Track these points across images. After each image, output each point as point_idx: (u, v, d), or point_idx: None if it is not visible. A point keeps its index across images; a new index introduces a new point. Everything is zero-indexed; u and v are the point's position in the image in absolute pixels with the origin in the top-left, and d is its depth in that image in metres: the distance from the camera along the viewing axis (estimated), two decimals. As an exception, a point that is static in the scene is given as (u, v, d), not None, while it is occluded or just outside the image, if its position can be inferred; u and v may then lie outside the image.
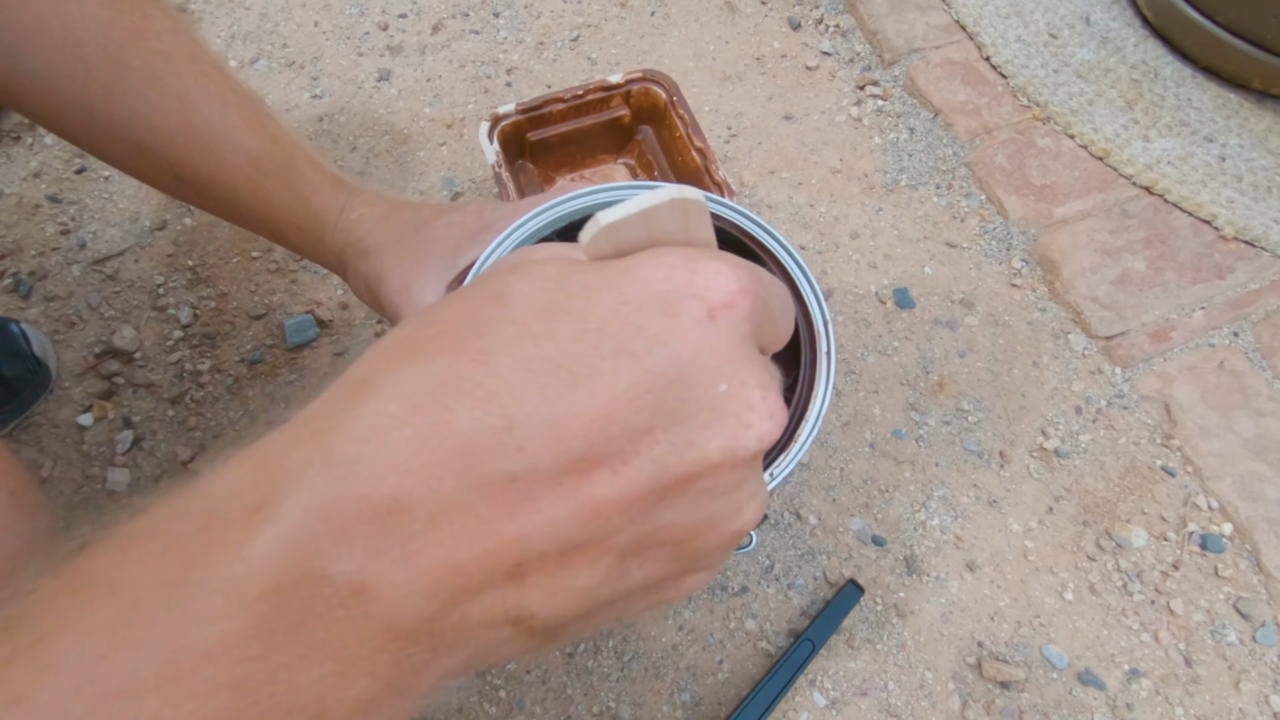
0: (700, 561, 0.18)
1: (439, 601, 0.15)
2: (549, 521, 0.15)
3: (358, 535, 0.15)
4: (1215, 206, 0.79)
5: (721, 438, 0.16)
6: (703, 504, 0.17)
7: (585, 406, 0.15)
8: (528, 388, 0.15)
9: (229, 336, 0.69)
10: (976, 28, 0.89)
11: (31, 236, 0.73)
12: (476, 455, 0.15)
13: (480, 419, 0.15)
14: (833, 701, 0.58)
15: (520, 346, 0.16)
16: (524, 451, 0.15)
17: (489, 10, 0.90)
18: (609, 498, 0.16)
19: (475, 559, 0.15)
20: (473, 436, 0.15)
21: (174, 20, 0.40)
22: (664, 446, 0.16)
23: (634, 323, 0.16)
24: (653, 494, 0.16)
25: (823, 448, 0.67)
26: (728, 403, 0.16)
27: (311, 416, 0.16)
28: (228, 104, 0.40)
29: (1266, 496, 0.66)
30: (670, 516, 0.17)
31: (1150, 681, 0.59)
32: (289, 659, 0.14)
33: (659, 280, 0.17)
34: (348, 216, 0.42)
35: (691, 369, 0.16)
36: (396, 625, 0.15)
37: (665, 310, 0.16)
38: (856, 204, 0.80)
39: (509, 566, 0.15)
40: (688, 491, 0.17)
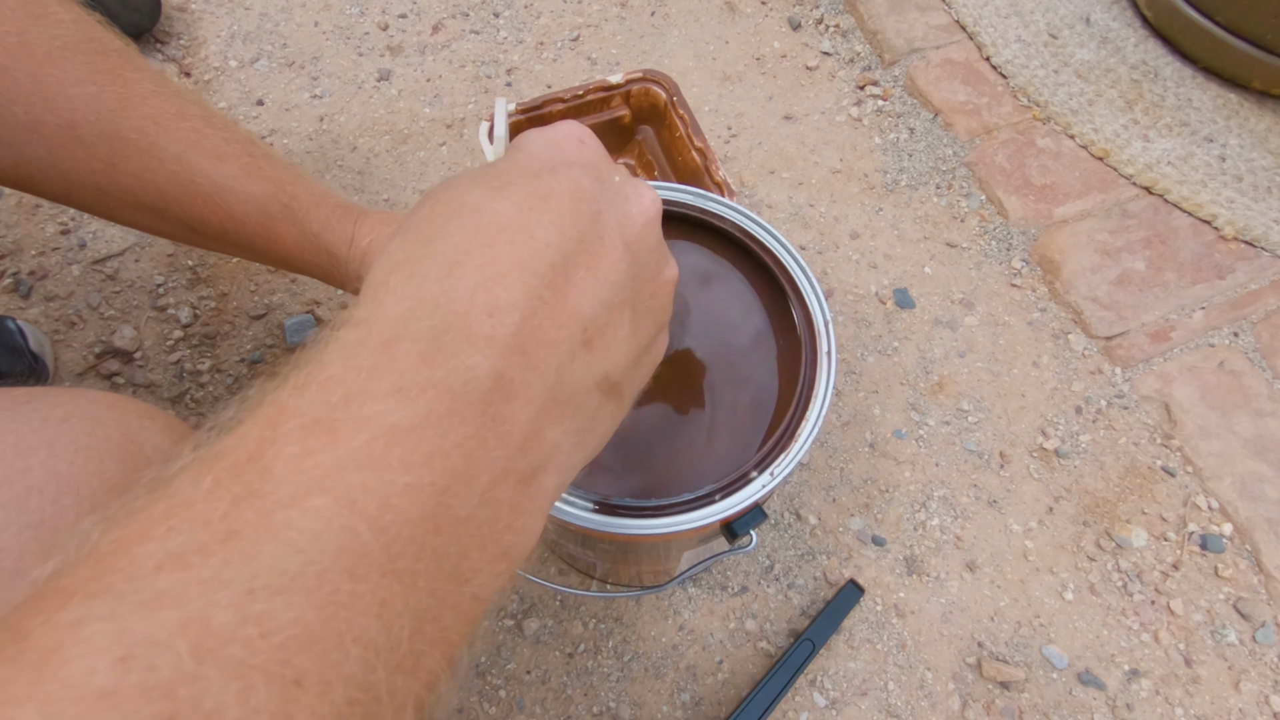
0: (663, 314, 0.25)
1: (553, 371, 0.19)
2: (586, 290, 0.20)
3: (480, 337, 0.18)
4: (1215, 206, 0.79)
5: (637, 206, 0.23)
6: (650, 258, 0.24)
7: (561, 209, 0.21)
8: (522, 212, 0.20)
9: (229, 336, 0.69)
10: (976, 28, 0.89)
11: (31, 236, 0.73)
12: (524, 260, 0.20)
13: (510, 239, 0.20)
14: (833, 701, 0.58)
15: (497, 195, 0.21)
16: (550, 246, 0.20)
17: (489, 10, 0.90)
18: (608, 262, 0.21)
19: (560, 331, 0.20)
20: (513, 251, 0.20)
21: (154, 79, 0.41)
22: (614, 219, 0.22)
23: (546, 160, 0.23)
24: (626, 253, 0.22)
25: (823, 448, 0.67)
26: (625, 187, 0.24)
27: (380, 290, 0.19)
28: (224, 156, 0.41)
29: (1266, 496, 0.66)
30: (640, 271, 0.23)
31: (1150, 681, 0.59)
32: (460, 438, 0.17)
33: (539, 138, 0.24)
34: (358, 246, 0.43)
35: (596, 170, 0.23)
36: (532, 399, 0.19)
37: (555, 148, 0.23)
38: (856, 204, 0.80)
39: (580, 333, 0.20)
40: (640, 249, 0.23)
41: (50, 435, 0.27)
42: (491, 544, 0.18)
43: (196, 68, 0.83)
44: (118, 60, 0.39)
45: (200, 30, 0.85)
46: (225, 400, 0.66)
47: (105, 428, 0.28)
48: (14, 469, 0.25)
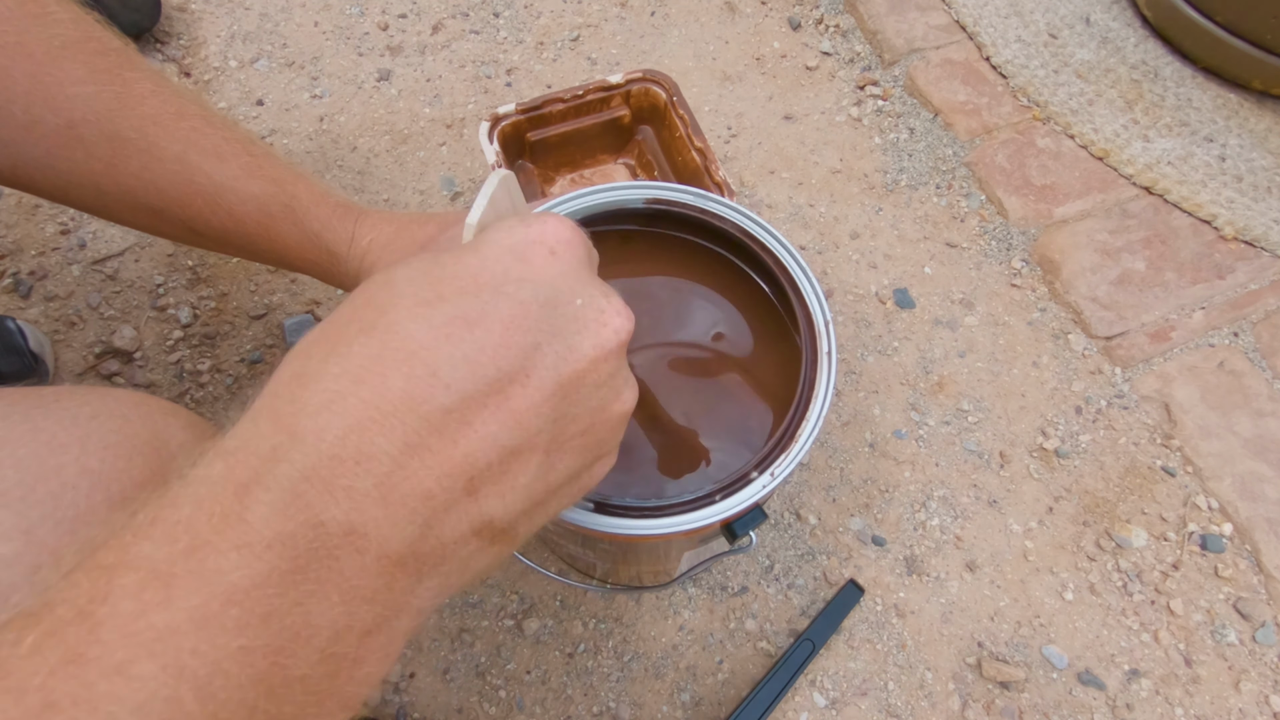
0: (603, 446, 0.23)
1: (417, 526, 0.18)
2: (485, 436, 0.19)
3: (339, 487, 0.17)
4: (1215, 206, 0.79)
5: (591, 338, 0.21)
6: (593, 394, 0.22)
7: (486, 340, 0.19)
8: (437, 340, 0.19)
9: (229, 336, 0.69)
10: (976, 28, 0.89)
11: (31, 236, 0.72)
12: (415, 401, 0.18)
13: (408, 373, 0.18)
14: (833, 701, 0.58)
15: (420, 312, 0.19)
16: (450, 388, 0.18)
17: (489, 10, 0.89)
18: (526, 405, 0.20)
19: (438, 482, 0.18)
20: (407, 388, 0.18)
21: (153, 79, 0.41)
22: (553, 356, 0.20)
23: (498, 272, 0.21)
24: (555, 394, 0.20)
25: (823, 448, 0.67)
26: (586, 312, 0.22)
27: (261, 412, 0.19)
28: (224, 155, 0.41)
29: (1266, 496, 0.66)
30: (573, 410, 0.21)
31: (1150, 681, 0.59)
32: (301, 595, 0.17)
33: (504, 241, 0.22)
34: (358, 245, 0.43)
35: (553, 294, 0.21)
36: (387, 554, 0.18)
37: (517, 257, 0.21)
38: (856, 204, 0.80)
39: (465, 482, 0.19)
40: (580, 387, 0.21)
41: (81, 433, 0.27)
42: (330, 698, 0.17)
43: (196, 68, 0.83)
44: (117, 60, 0.39)
45: (200, 30, 0.85)
46: (225, 401, 0.66)
47: (133, 425, 0.29)
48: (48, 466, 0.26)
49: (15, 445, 0.26)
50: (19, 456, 0.26)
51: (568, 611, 0.60)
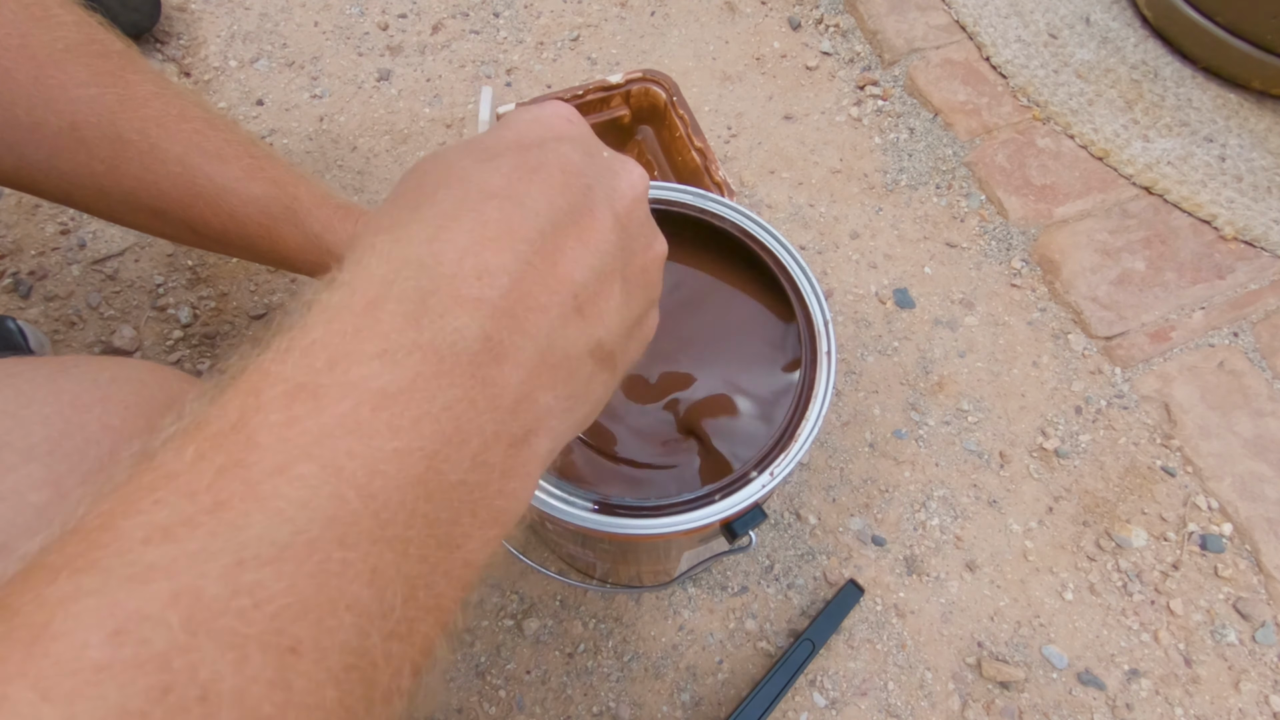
0: (653, 289, 0.25)
1: (543, 336, 0.19)
2: (577, 258, 0.20)
3: (467, 299, 0.18)
4: (1215, 206, 0.79)
5: (625, 181, 0.23)
6: (639, 231, 0.24)
7: (551, 180, 0.21)
8: (511, 182, 0.20)
9: (229, 336, 0.69)
10: (976, 28, 0.89)
11: (31, 236, 0.73)
12: (513, 227, 0.19)
13: (500, 205, 0.20)
14: (833, 701, 0.58)
15: (487, 164, 0.21)
16: (540, 214, 0.20)
17: (489, 10, 0.90)
18: (598, 233, 0.21)
19: (550, 296, 0.20)
20: (502, 218, 0.20)
21: (155, 81, 0.41)
22: (604, 192, 0.22)
23: (536, 134, 0.23)
24: (615, 224, 0.22)
25: (823, 448, 0.67)
26: (613, 162, 0.24)
27: (364, 255, 0.19)
28: (226, 157, 0.41)
29: (1266, 496, 0.66)
30: (630, 243, 0.23)
31: (1150, 681, 0.59)
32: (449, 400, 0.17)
33: (527, 115, 0.24)
34: None
35: (585, 146, 0.23)
36: (522, 362, 0.19)
37: (544, 124, 0.24)
38: (856, 204, 0.80)
39: (571, 299, 0.20)
40: (629, 222, 0.23)
41: (102, 394, 0.28)
42: (483, 509, 0.18)
43: (196, 68, 0.83)
44: (119, 62, 0.39)
45: (200, 30, 0.85)
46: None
47: (149, 389, 0.30)
48: (72, 423, 0.27)
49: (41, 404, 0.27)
50: (45, 414, 0.27)
51: (568, 611, 0.60)
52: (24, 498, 0.25)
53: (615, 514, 0.36)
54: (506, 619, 0.60)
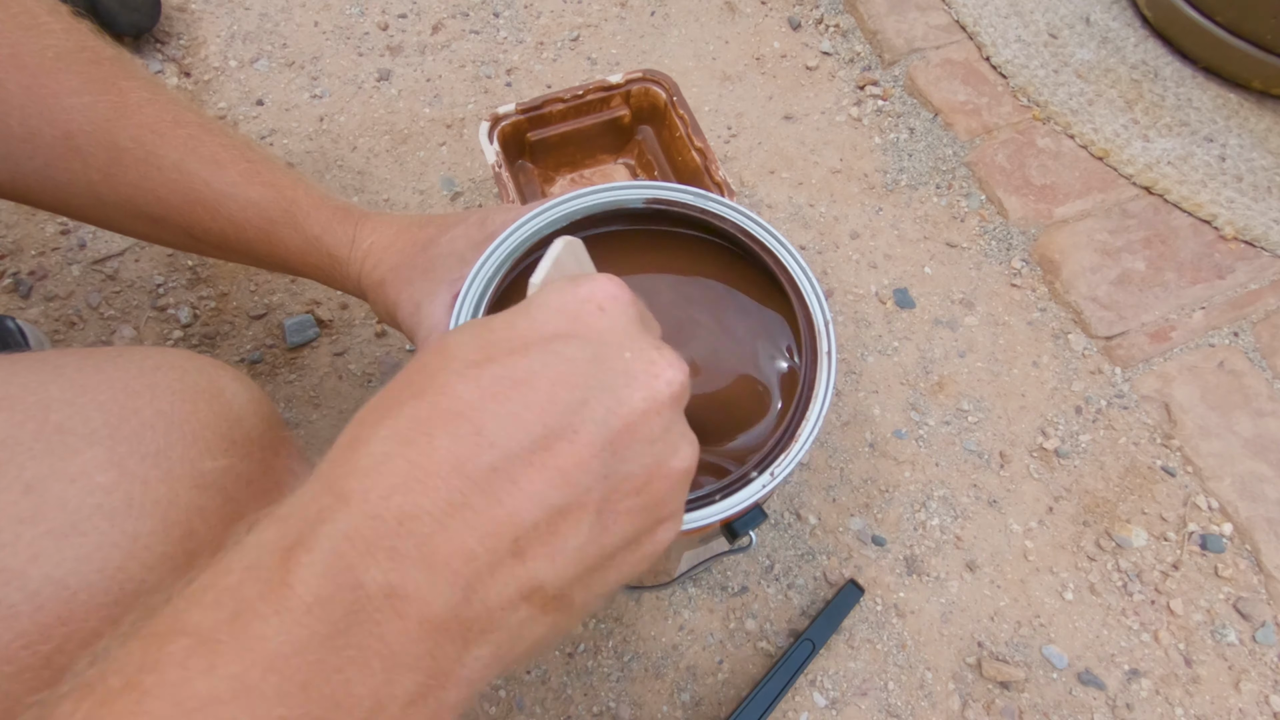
0: (663, 508, 0.22)
1: (460, 588, 0.18)
2: (531, 495, 0.19)
3: (380, 548, 0.17)
4: (1215, 206, 0.79)
5: (641, 390, 0.21)
6: (646, 450, 0.21)
7: (532, 398, 0.19)
8: (484, 399, 0.19)
9: (229, 336, 0.69)
10: (976, 28, 0.89)
11: (31, 236, 0.73)
12: (459, 460, 0.18)
13: (454, 432, 0.19)
14: (833, 701, 0.58)
15: (469, 374, 0.20)
16: (495, 445, 0.19)
17: (489, 10, 0.90)
18: (573, 461, 0.19)
19: (480, 542, 0.18)
20: (452, 448, 0.18)
21: (148, 86, 0.40)
22: (601, 410, 0.20)
23: (547, 332, 0.21)
24: (605, 449, 0.20)
25: (823, 448, 0.67)
26: (635, 364, 0.21)
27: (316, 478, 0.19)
28: (222, 162, 0.41)
29: (1266, 496, 0.66)
30: (625, 468, 0.21)
31: (1150, 681, 0.59)
32: (342, 662, 0.17)
33: (554, 301, 0.22)
34: (359, 248, 0.43)
35: (601, 349, 0.21)
36: (428, 618, 0.18)
37: (566, 316, 0.22)
38: (856, 204, 0.80)
39: (510, 543, 0.18)
40: (632, 442, 0.21)
41: (149, 381, 0.30)
42: None
43: (196, 68, 0.83)
44: (111, 69, 0.39)
45: (200, 30, 0.85)
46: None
47: (192, 376, 0.31)
48: (127, 409, 0.28)
49: (95, 392, 0.28)
50: (100, 401, 0.28)
51: (568, 611, 0.60)
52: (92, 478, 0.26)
53: (615, 514, 0.35)
54: (506, 619, 0.60)
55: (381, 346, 0.69)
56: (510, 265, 0.41)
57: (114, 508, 0.26)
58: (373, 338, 0.70)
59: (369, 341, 0.70)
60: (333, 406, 0.67)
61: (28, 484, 0.25)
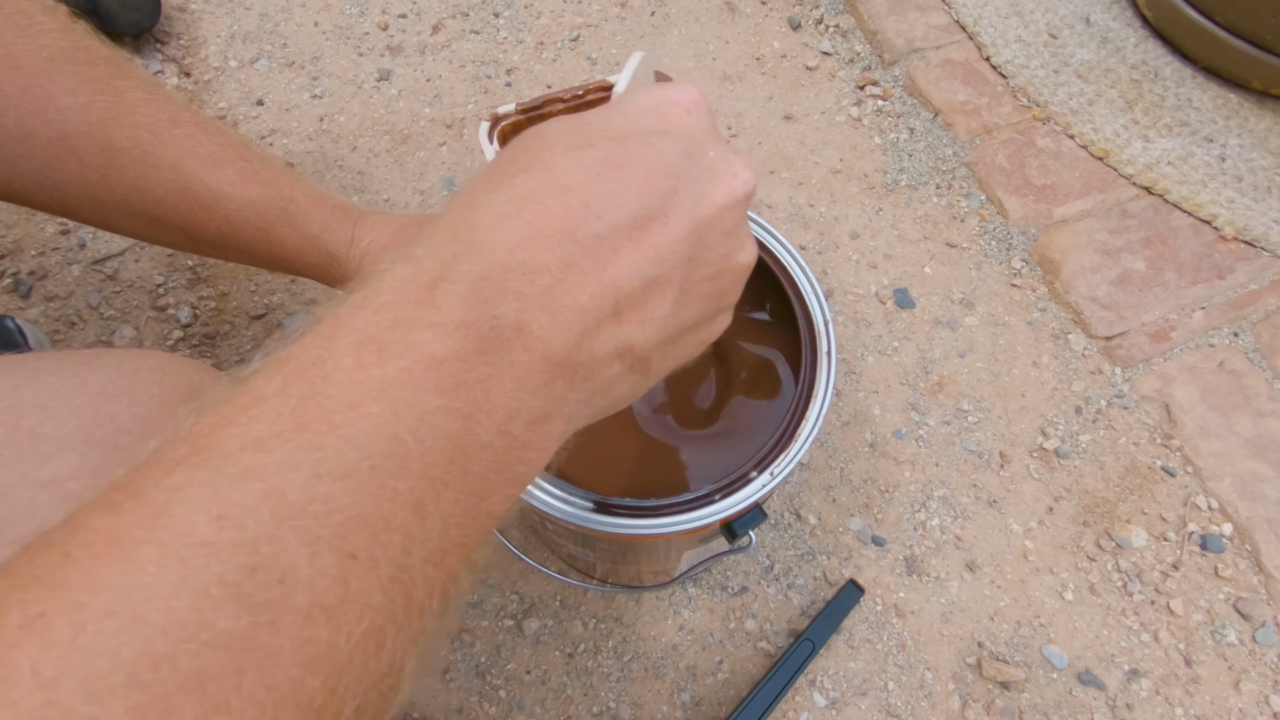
0: (726, 298, 0.25)
1: (573, 334, 0.20)
2: (630, 265, 0.21)
3: (510, 290, 0.20)
4: (1215, 206, 0.79)
5: (722, 187, 0.23)
6: (721, 241, 0.23)
7: (632, 180, 0.21)
8: (590, 178, 0.21)
9: (229, 336, 0.69)
10: (976, 28, 0.89)
11: (31, 236, 0.73)
12: (571, 226, 0.20)
13: (566, 203, 0.20)
14: (833, 701, 0.58)
15: (574, 155, 0.21)
16: (601, 218, 0.20)
17: (489, 10, 0.90)
18: (665, 239, 0.21)
19: (590, 299, 0.20)
20: (564, 215, 0.20)
21: (144, 86, 0.40)
22: (689, 198, 0.22)
23: (640, 125, 0.23)
24: (691, 234, 0.22)
25: (823, 448, 0.67)
26: (718, 164, 0.23)
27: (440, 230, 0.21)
28: (219, 161, 0.41)
29: (1266, 496, 0.66)
30: (705, 254, 0.23)
31: (1150, 681, 0.59)
32: (483, 374, 0.19)
33: (644, 100, 0.24)
34: (358, 247, 0.44)
35: (689, 144, 0.23)
36: (549, 355, 0.20)
37: (657, 114, 0.23)
38: (856, 204, 0.80)
39: (612, 304, 0.21)
40: (710, 232, 0.23)
41: (127, 385, 0.30)
42: (505, 469, 0.20)
43: (196, 68, 0.83)
44: (106, 69, 0.39)
45: (200, 30, 0.85)
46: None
47: (171, 378, 0.32)
48: (102, 414, 0.29)
49: (70, 396, 0.29)
50: (75, 405, 0.28)
51: (568, 611, 0.60)
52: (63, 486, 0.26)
53: (615, 514, 0.35)
54: (507, 619, 0.60)
55: (381, 346, 0.69)
56: None
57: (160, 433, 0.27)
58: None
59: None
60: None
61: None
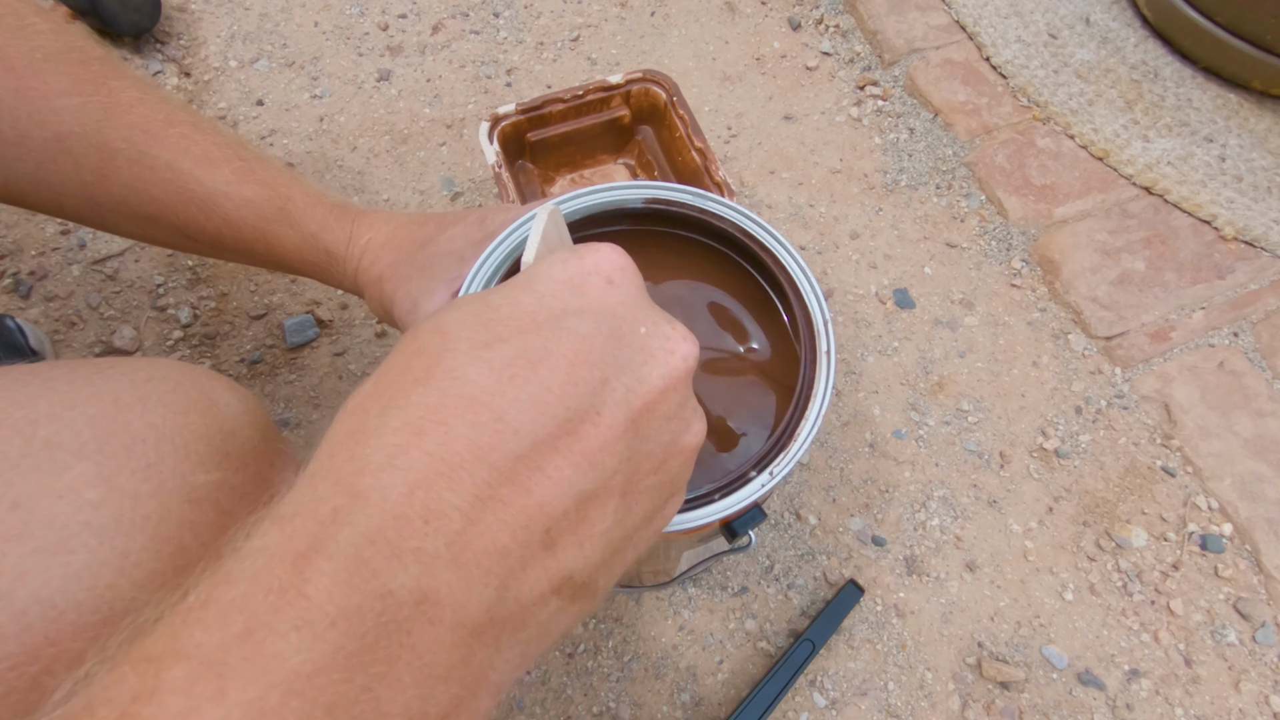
0: (676, 484, 0.22)
1: (494, 587, 0.17)
2: (560, 481, 0.18)
3: (407, 551, 0.16)
4: (1215, 206, 0.79)
5: (658, 368, 0.20)
6: (664, 428, 0.21)
7: (552, 379, 0.18)
8: (500, 383, 0.18)
9: (229, 336, 0.69)
10: (976, 28, 0.89)
11: (31, 236, 0.73)
12: (483, 449, 0.17)
13: (473, 420, 0.17)
14: (833, 702, 0.58)
15: (479, 355, 0.18)
16: (519, 432, 0.17)
17: (489, 10, 0.90)
18: (598, 444, 0.18)
19: (513, 536, 0.17)
20: (473, 436, 0.17)
21: (139, 86, 0.40)
22: (621, 389, 0.19)
23: (555, 307, 0.20)
24: (628, 429, 0.19)
25: (823, 448, 0.67)
26: (651, 340, 0.21)
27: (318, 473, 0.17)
28: (215, 161, 0.41)
29: (1266, 496, 0.66)
30: (645, 447, 0.20)
31: (1150, 681, 0.59)
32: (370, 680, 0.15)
33: (558, 274, 0.21)
34: (356, 244, 0.43)
35: (614, 323, 0.20)
36: (463, 622, 0.16)
37: (573, 289, 0.20)
38: (856, 204, 0.80)
39: (541, 535, 0.17)
40: (650, 421, 0.20)
41: (140, 393, 0.30)
42: None
43: (196, 68, 0.83)
44: (100, 69, 0.39)
45: (200, 30, 0.85)
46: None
47: (185, 388, 0.31)
48: (117, 422, 0.28)
49: (85, 405, 0.28)
50: (90, 415, 0.28)
51: (567, 611, 0.60)
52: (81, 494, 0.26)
53: (615, 514, 0.35)
54: (506, 619, 0.60)
55: (382, 346, 0.69)
56: (510, 265, 0.41)
57: (103, 524, 0.26)
58: (373, 338, 0.70)
59: (369, 341, 0.70)
60: (333, 406, 0.67)
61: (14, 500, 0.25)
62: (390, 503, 0.16)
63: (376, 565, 0.16)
